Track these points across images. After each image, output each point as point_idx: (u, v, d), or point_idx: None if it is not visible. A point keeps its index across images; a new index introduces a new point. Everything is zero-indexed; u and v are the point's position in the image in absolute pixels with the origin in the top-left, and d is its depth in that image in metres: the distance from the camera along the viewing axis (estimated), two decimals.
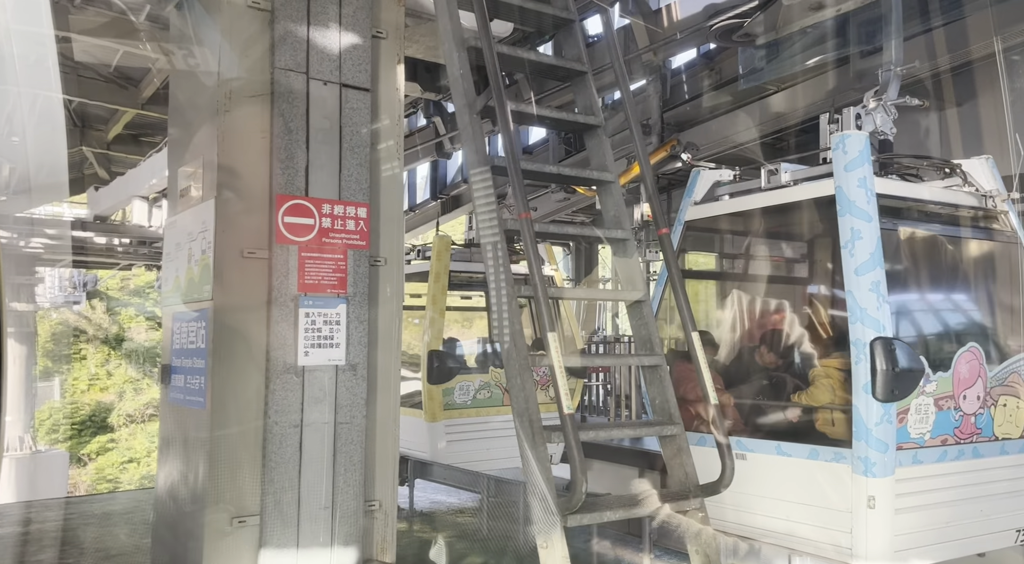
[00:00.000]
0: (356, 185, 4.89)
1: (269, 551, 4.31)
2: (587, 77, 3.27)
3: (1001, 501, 4.21)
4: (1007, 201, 4.34)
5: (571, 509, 2.42)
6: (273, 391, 4.40)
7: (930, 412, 3.69)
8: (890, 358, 3.42)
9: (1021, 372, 4.13)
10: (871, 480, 3.50)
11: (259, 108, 4.65)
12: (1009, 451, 4.18)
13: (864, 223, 3.80)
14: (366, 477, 4.80)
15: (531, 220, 2.62)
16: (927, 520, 3.79)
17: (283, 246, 4.57)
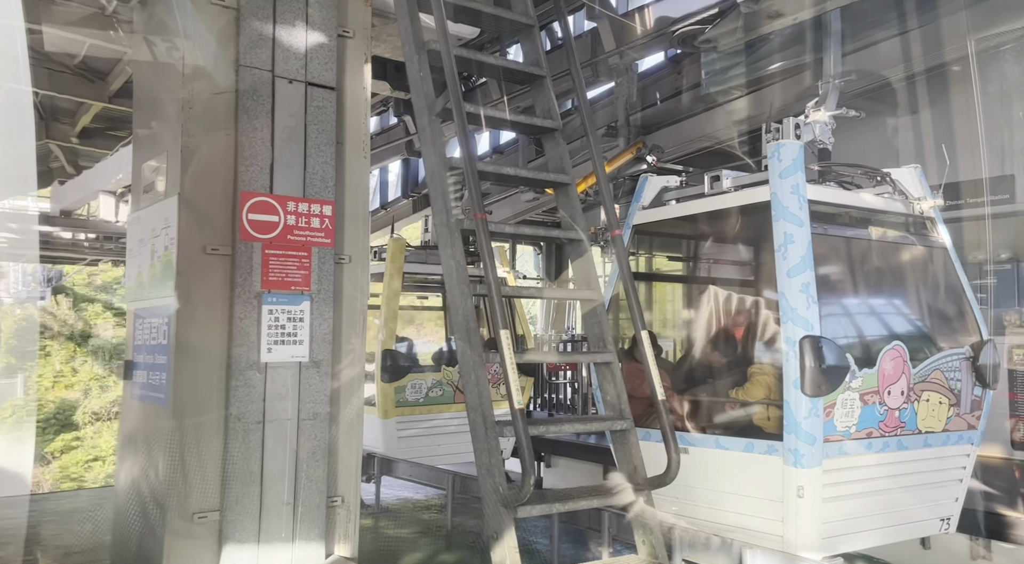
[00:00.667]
0: (321, 183, 4.92)
1: (230, 546, 4.33)
2: (545, 81, 3.35)
3: (925, 491, 4.42)
4: (933, 208, 4.54)
5: (520, 501, 2.50)
6: (235, 387, 4.42)
7: (856, 406, 3.86)
8: (817, 355, 3.59)
9: (944, 369, 4.33)
10: (800, 471, 3.67)
11: (224, 105, 4.66)
12: (932, 444, 4.38)
13: (796, 228, 3.97)
14: (329, 473, 4.83)
15: (486, 220, 2.70)
16: (854, 508, 3.97)
17: (247, 243, 4.59)
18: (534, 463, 2.45)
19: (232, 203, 4.60)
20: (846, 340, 4.16)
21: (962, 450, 4.63)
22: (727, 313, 4.52)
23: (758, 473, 3.82)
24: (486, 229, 2.67)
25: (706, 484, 3.57)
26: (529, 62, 3.38)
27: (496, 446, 2.58)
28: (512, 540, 2.56)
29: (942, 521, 4.53)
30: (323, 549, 4.69)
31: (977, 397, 4.62)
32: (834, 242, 4.43)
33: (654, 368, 2.90)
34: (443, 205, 2.88)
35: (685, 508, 3.94)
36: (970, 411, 4.64)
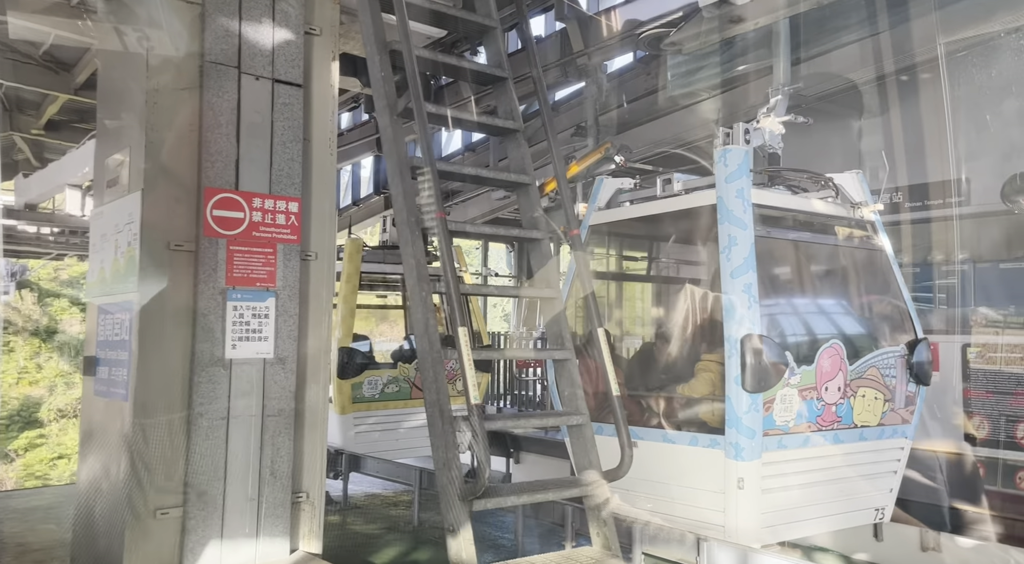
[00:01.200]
0: (288, 180, 4.92)
1: (192, 543, 4.33)
2: (507, 83, 3.40)
3: (860, 482, 4.61)
4: (874, 212, 4.71)
5: (475, 494, 2.55)
6: (199, 383, 4.42)
7: (794, 402, 4.01)
8: (757, 353, 3.72)
9: (879, 367, 4.50)
10: (740, 463, 3.82)
11: (188, 101, 4.65)
12: (867, 437, 4.57)
13: (740, 230, 4.12)
14: (294, 469, 4.85)
15: (445, 220, 2.74)
16: (792, 499, 4.13)
17: (211, 239, 4.58)
18: (489, 458, 2.51)
19: (197, 199, 4.59)
20: (786, 338, 4.31)
21: (896, 443, 4.83)
22: (676, 311, 4.65)
23: (702, 466, 3.96)
24: (445, 228, 2.72)
25: (655, 476, 3.68)
26: (492, 64, 3.42)
27: (453, 441, 2.63)
28: (468, 533, 2.61)
29: (876, 511, 4.74)
30: (288, 545, 4.71)
31: (911, 393, 4.82)
32: (777, 244, 4.58)
33: (610, 364, 2.97)
34: (404, 204, 2.91)
35: (636, 500, 4.08)
36: (904, 406, 4.83)
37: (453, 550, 2.63)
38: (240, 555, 4.49)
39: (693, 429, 4.07)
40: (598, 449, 3.07)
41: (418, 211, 2.88)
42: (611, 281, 5.76)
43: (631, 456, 2.89)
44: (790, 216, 4.67)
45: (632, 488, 3.17)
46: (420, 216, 2.85)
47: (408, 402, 8.22)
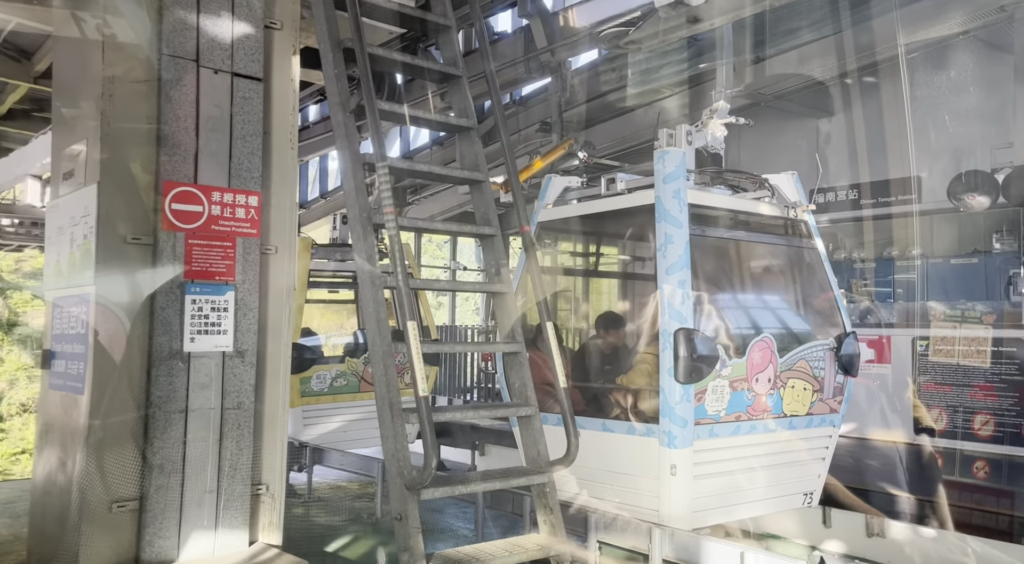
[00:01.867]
0: (247, 174, 4.93)
1: (150, 535, 4.35)
2: (461, 81, 3.46)
3: (790, 469, 4.84)
4: (807, 211, 4.89)
5: (422, 484, 2.63)
6: (157, 377, 4.42)
7: (725, 392, 4.20)
8: (690, 346, 3.89)
9: (809, 359, 4.71)
10: (673, 451, 4.02)
11: (146, 93, 4.63)
12: (796, 426, 4.79)
13: (676, 229, 4.29)
14: (254, 461, 4.87)
15: (396, 215, 2.80)
16: (723, 485, 4.32)
17: (170, 233, 4.58)
18: (437, 448, 2.59)
19: (155, 192, 4.59)
20: (719, 332, 4.47)
21: (824, 432, 5.04)
22: (618, 306, 4.78)
23: (639, 453, 4.12)
24: (396, 224, 2.78)
25: (596, 464, 3.81)
26: (447, 62, 3.48)
27: (402, 432, 2.70)
28: (416, 521, 2.69)
29: (805, 496, 4.98)
30: (247, 537, 4.73)
31: (839, 384, 5.04)
32: (712, 243, 4.74)
33: (558, 357, 3.06)
34: (356, 200, 2.96)
35: (580, 487, 4.22)
36: (832, 396, 5.04)
37: (401, 537, 2.71)
38: (199, 547, 4.51)
39: (630, 419, 4.24)
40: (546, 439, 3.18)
41: (370, 207, 2.93)
42: (559, 276, 5.88)
43: (577, 446, 2.99)
44: (726, 215, 4.84)
45: (576, 476, 3.29)
46: (372, 212, 2.90)
47: (356, 395, 8.47)
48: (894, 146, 8.42)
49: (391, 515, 6.41)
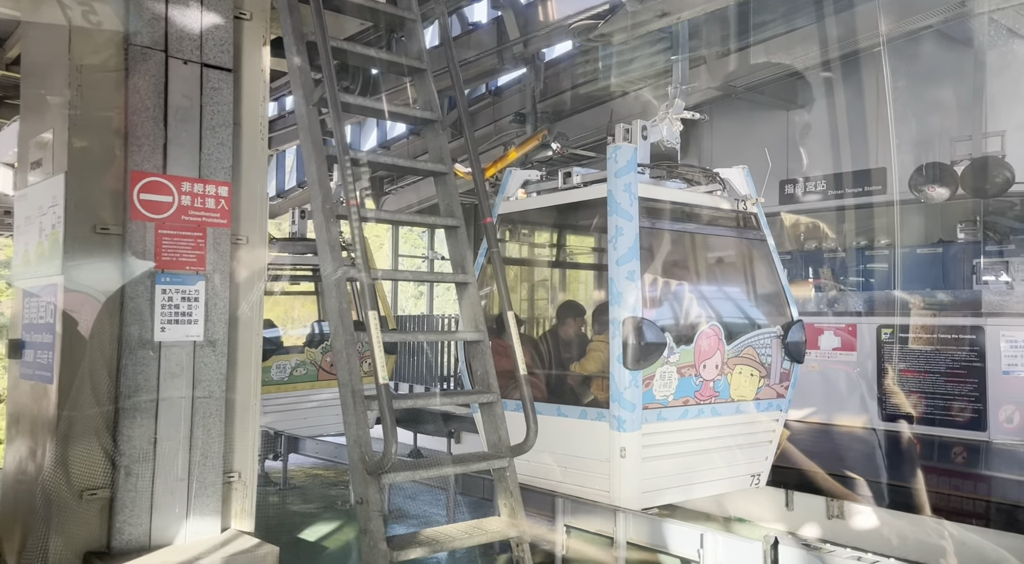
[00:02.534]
0: (217, 164, 4.95)
1: (120, 523, 4.39)
2: (426, 74, 3.51)
3: (738, 451, 5.02)
4: (756, 204, 5.04)
5: (383, 468, 2.70)
6: (126, 366, 4.46)
7: (673, 378, 4.36)
8: (637, 334, 4.03)
9: (756, 346, 4.87)
10: (622, 434, 4.21)
11: (114, 83, 4.63)
12: (744, 410, 4.98)
13: (626, 222, 4.45)
14: (226, 450, 4.92)
15: (359, 207, 2.86)
16: (672, 466, 4.50)
17: (139, 223, 4.60)
18: (396, 434, 2.66)
19: (123, 182, 4.60)
20: (668, 321, 4.62)
21: (771, 416, 5.25)
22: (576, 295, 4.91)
23: (590, 437, 4.29)
24: (359, 216, 2.84)
25: (551, 448, 3.94)
26: (412, 55, 3.52)
27: (364, 419, 2.77)
28: (377, 504, 2.77)
29: (753, 477, 5.17)
30: (219, 524, 4.79)
31: (786, 370, 5.23)
32: (662, 235, 4.88)
33: (518, 345, 3.14)
34: (319, 191, 3.01)
35: (536, 470, 4.37)
36: (779, 382, 5.23)
37: (362, 519, 2.79)
38: (170, 534, 4.56)
39: (583, 403, 4.39)
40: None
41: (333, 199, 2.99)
42: (517, 266, 6.01)
43: (536, 431, 3.08)
44: (676, 208, 4.98)
45: (533, 459, 3.40)
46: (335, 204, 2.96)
47: (315, 383, 8.70)
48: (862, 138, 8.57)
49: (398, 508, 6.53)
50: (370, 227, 31.92)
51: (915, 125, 8.06)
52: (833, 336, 8.31)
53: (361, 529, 2.74)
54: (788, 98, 9.23)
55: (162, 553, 4.37)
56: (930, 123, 8.18)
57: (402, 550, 2.76)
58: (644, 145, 4.98)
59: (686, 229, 5.14)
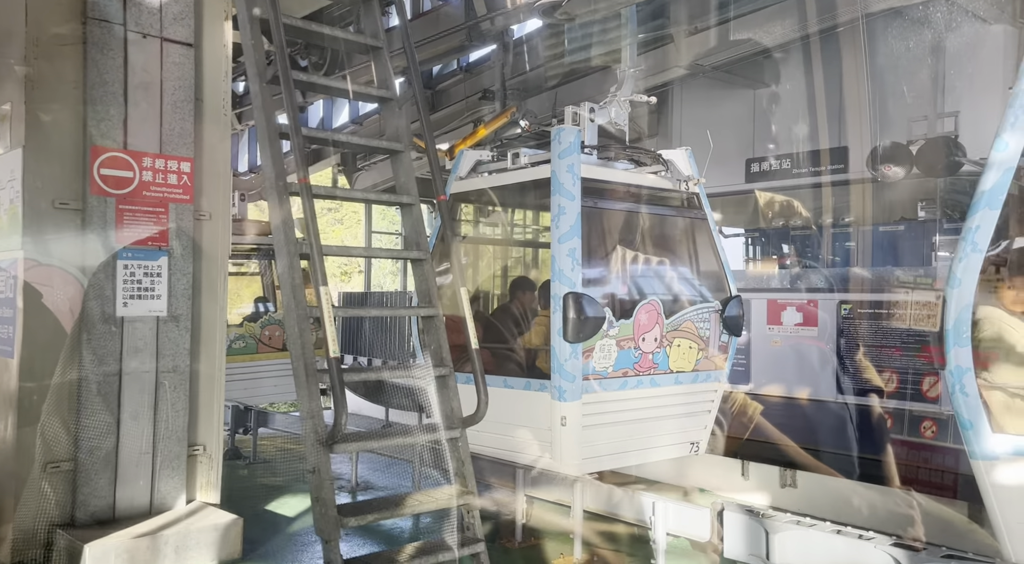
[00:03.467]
0: (179, 140, 4.94)
1: (84, 494, 4.45)
2: (382, 52, 3.54)
3: (677, 420, 5.24)
4: (698, 184, 5.20)
5: (335, 439, 2.79)
6: (89, 340, 4.49)
7: (613, 351, 4.58)
8: (577, 308, 4.20)
9: (694, 320, 5.06)
10: (563, 404, 4.37)
11: (72, 58, 4.60)
12: (683, 381, 5.18)
13: (568, 201, 4.58)
14: (190, 423, 4.98)
15: (309, 184, 2.91)
16: (612, 434, 4.74)
17: (99, 198, 4.60)
18: (346, 405, 2.75)
19: (83, 157, 4.59)
20: (608, 296, 4.79)
21: (710, 387, 5.44)
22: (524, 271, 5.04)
23: (534, 407, 4.51)
24: (309, 193, 2.90)
25: (500, 418, 4.10)
26: (369, 34, 3.55)
27: (316, 392, 2.86)
28: (328, 474, 2.87)
29: (692, 445, 5.40)
30: (183, 495, 4.87)
31: (724, 343, 5.48)
32: (604, 214, 5.02)
33: (470, 320, 3.24)
34: (272, 169, 3.06)
35: (486, 440, 4.55)
36: (718, 354, 5.45)
37: (315, 488, 2.88)
38: (135, 506, 4.63)
39: (528, 375, 4.58)
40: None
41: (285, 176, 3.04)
42: (469, 244, 6.12)
43: (486, 403, 3.18)
44: (620, 188, 5.11)
45: (483, 429, 3.52)
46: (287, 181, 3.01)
47: (255, 356, 9.02)
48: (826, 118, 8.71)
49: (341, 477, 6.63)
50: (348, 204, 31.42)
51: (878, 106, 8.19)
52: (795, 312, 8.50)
53: (313, 497, 2.83)
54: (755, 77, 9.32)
55: (127, 524, 4.44)
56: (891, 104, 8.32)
57: (352, 517, 2.86)
58: (592, 127, 5.12)
59: (628, 208, 5.29)
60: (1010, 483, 3.39)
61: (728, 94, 9.50)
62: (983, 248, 3.57)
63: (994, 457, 3.45)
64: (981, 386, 3.52)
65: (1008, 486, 3.46)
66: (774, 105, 9.38)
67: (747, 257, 13.77)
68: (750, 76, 9.21)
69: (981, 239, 3.56)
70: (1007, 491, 3.47)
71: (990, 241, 3.62)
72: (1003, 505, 3.48)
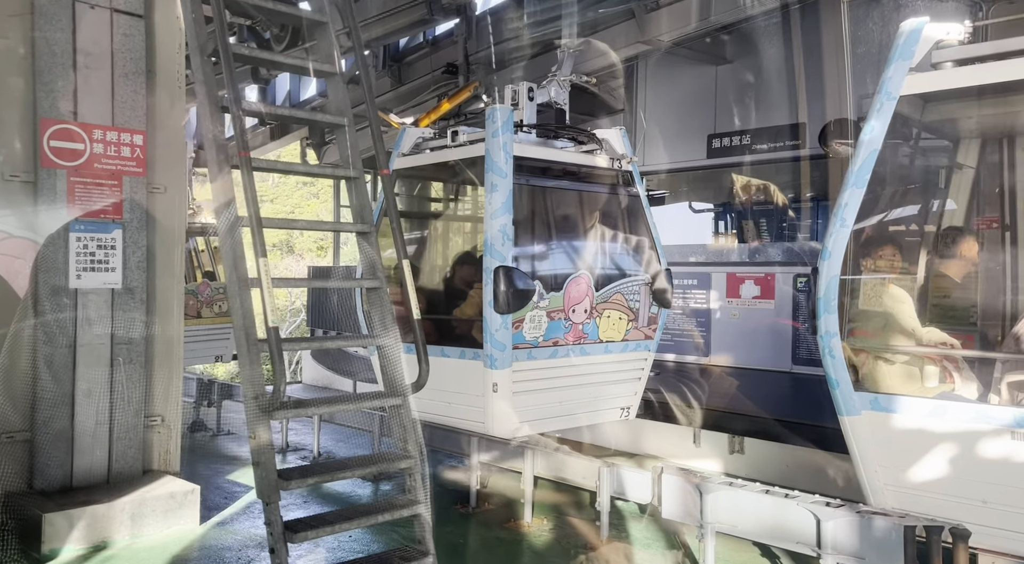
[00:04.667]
0: (131, 112, 4.94)
1: (41, 464, 4.51)
2: (327, 27, 3.57)
3: (607, 387, 5.48)
4: (631, 163, 5.38)
5: (274, 406, 2.89)
6: (42, 312, 4.51)
7: (543, 321, 4.81)
8: (507, 281, 4.40)
9: (624, 293, 5.28)
10: (494, 371, 4.59)
11: (19, 28, 4.57)
12: (612, 351, 5.41)
13: (500, 179, 4.73)
14: (149, 394, 5.05)
15: (249, 158, 2.97)
16: (543, 399, 4.99)
17: (50, 170, 4.60)
18: (285, 374, 2.83)
19: (33, 130, 4.58)
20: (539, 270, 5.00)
21: (639, 356, 5.68)
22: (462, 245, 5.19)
23: (468, 374, 4.72)
24: (249, 166, 2.95)
25: (439, 386, 4.26)
26: (314, 10, 3.58)
27: (257, 360, 2.94)
28: (268, 437, 2.96)
29: (622, 410, 5.65)
30: (140, 466, 4.94)
31: (654, 314, 5.71)
32: (538, 191, 5.22)
33: (412, 292, 3.33)
34: (213, 143, 3.10)
35: (428, 406, 4.73)
36: (647, 325, 5.68)
37: (255, 453, 2.98)
38: (92, 474, 4.70)
39: (463, 345, 4.78)
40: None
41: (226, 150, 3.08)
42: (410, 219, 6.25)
43: (427, 371, 3.29)
44: (554, 166, 5.29)
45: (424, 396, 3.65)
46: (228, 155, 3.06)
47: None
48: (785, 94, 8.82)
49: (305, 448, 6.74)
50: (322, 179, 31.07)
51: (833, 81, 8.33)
52: (753, 285, 8.69)
53: (254, 462, 2.92)
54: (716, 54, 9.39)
55: (84, 494, 4.52)
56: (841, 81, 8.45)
57: (293, 480, 2.96)
58: (531, 106, 5.25)
59: (562, 186, 5.49)
60: (869, 436, 3.67)
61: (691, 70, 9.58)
62: (850, 224, 3.81)
63: (856, 412, 3.74)
64: (847, 348, 3.81)
65: (867, 438, 3.76)
66: (733, 81, 9.47)
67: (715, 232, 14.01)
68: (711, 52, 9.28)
69: (848, 216, 3.82)
70: (867, 443, 3.76)
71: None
72: (864, 455, 3.78)
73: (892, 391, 3.79)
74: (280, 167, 5.43)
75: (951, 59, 3.84)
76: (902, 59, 3.90)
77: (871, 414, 3.72)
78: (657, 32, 7.48)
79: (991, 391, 3.90)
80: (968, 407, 3.58)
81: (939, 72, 3.87)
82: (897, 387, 3.85)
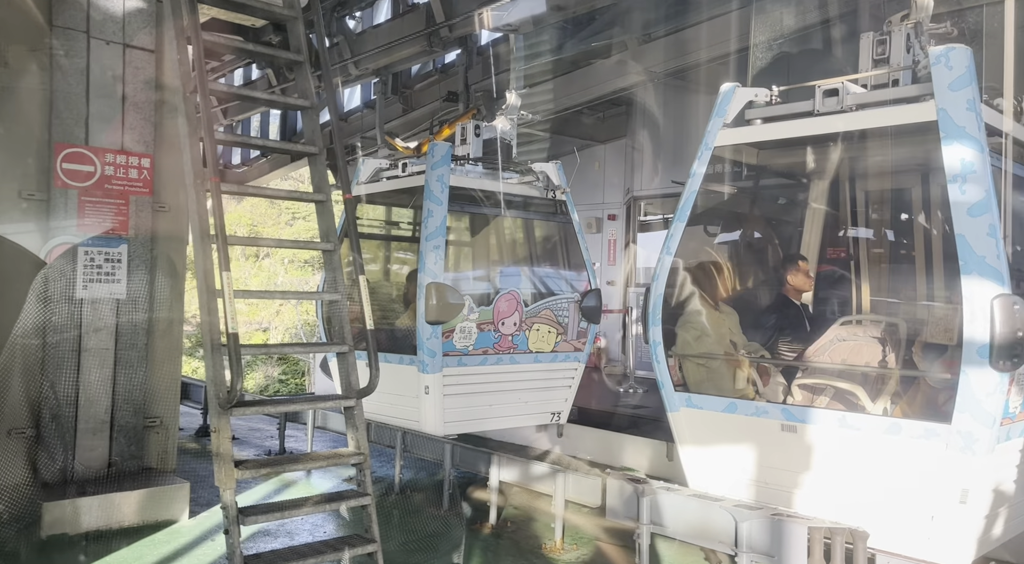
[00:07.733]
0: (140, 138, 5.41)
1: (45, 460, 4.94)
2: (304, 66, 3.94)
3: (538, 393, 6.08)
4: (565, 193, 5.93)
5: (231, 403, 3.24)
6: (52, 320, 4.97)
7: (473, 332, 5.39)
8: (438, 296, 5.02)
9: (553, 309, 5.98)
10: (426, 376, 5.17)
11: (38, 62, 5.07)
12: (542, 360, 6.02)
13: (436, 206, 5.35)
14: (149, 397, 5.46)
15: (219, 183, 3.35)
16: (472, 403, 5.53)
17: (62, 190, 5.08)
18: (242, 374, 3.18)
19: (48, 153, 5.07)
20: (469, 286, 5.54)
21: (569, 366, 6.27)
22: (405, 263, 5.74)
23: (406, 378, 5.28)
24: (219, 190, 3.33)
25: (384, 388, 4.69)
26: (293, 50, 3.96)
27: (220, 362, 3.29)
28: (227, 432, 3.31)
29: (553, 415, 6.24)
30: (140, 464, 5.34)
31: (583, 329, 6.26)
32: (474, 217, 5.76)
33: (367, 304, 3.67)
34: (191, 168, 3.50)
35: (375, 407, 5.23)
36: (577, 338, 6.27)
37: (215, 444, 3.33)
38: (92, 471, 5.12)
39: (401, 352, 5.48)
40: None
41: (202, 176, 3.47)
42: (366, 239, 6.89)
43: (378, 376, 3.61)
44: (490, 195, 5.95)
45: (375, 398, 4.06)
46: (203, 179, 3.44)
47: None
48: None
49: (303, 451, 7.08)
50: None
51: None
52: None
53: (214, 453, 3.27)
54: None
55: (82, 485, 4.93)
56: None
57: (249, 470, 3.30)
58: (477, 141, 5.85)
59: (497, 213, 6.18)
60: (686, 428, 4.05)
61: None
62: (673, 251, 4.41)
63: (676, 409, 4.39)
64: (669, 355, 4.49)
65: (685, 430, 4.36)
66: None
67: None
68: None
69: (673, 245, 4.43)
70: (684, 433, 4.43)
71: None
72: (684, 444, 4.47)
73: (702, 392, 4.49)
74: (252, 191, 5.87)
75: (759, 117, 4.48)
76: (718, 116, 4.52)
77: (687, 410, 4.38)
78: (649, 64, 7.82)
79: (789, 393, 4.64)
80: (750, 404, 4.27)
81: (746, 128, 4.52)
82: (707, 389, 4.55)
